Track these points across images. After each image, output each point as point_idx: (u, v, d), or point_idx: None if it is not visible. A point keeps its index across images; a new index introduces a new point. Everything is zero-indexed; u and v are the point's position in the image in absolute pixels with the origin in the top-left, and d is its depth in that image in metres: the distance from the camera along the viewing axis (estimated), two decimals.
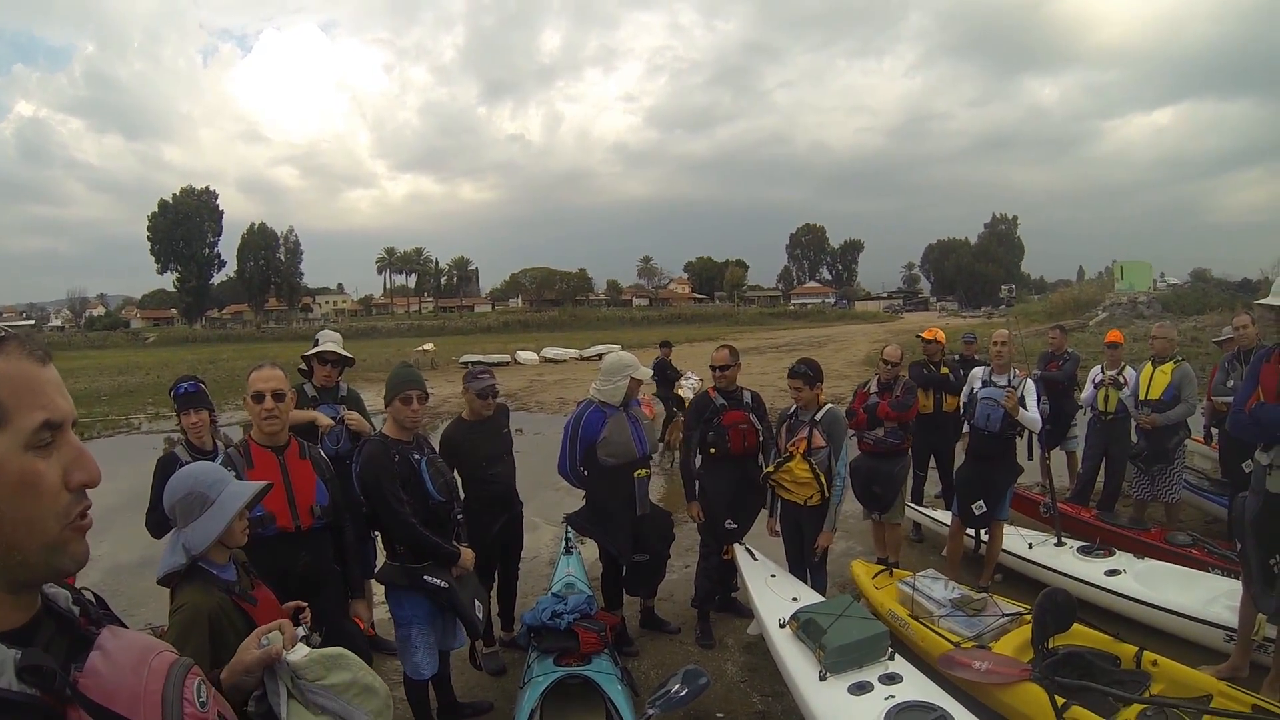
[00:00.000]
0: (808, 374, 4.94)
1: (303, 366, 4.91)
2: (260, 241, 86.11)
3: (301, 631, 1.87)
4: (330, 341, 4.91)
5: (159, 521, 3.90)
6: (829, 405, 5.00)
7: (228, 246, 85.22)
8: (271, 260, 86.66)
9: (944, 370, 7.07)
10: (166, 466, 3.91)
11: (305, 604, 2.57)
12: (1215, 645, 4.45)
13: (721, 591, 5.51)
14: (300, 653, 1.76)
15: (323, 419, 4.46)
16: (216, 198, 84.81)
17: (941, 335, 7.42)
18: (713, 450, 5.12)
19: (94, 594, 1.06)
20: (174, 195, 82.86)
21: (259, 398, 3.22)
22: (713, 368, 5.29)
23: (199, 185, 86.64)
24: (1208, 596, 4.69)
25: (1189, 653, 4.32)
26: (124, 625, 1.08)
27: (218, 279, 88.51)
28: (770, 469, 5.00)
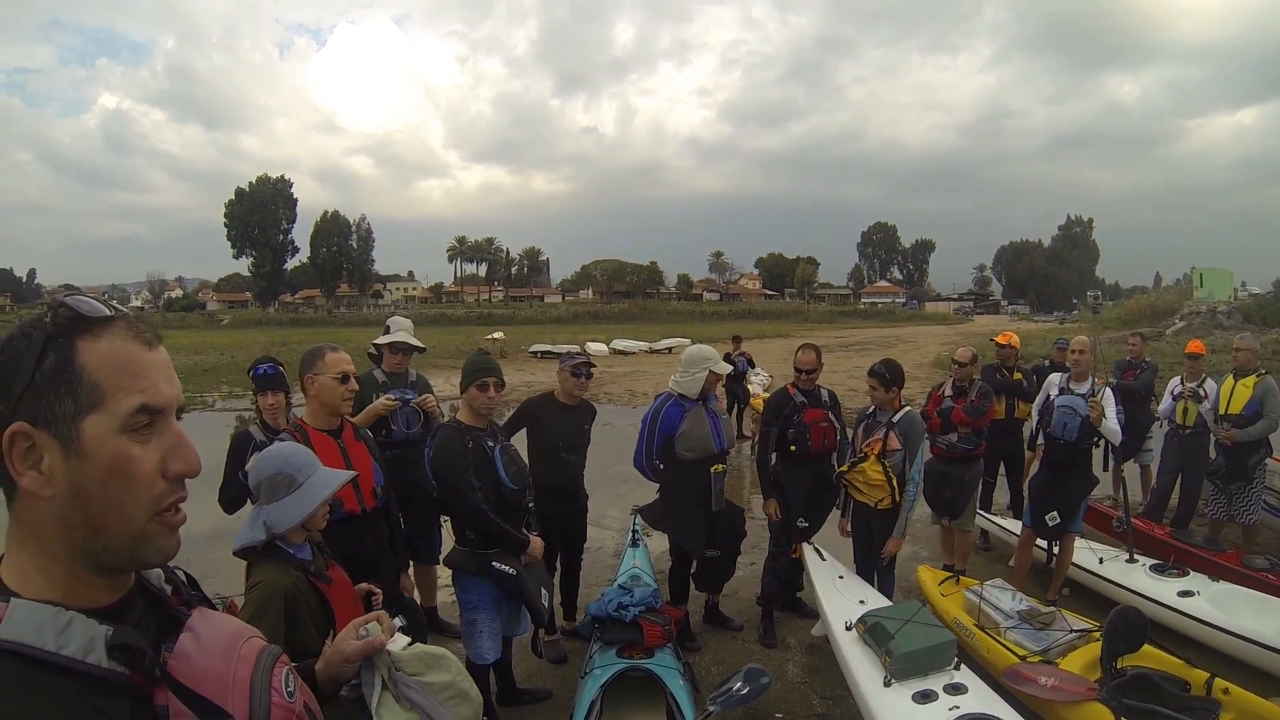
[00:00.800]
0: (884, 375, 4.92)
1: (372, 352, 5.00)
2: (333, 229, 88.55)
3: (399, 622, 1.83)
4: (401, 330, 4.98)
5: (232, 498, 4.07)
6: (907, 408, 4.99)
7: (301, 233, 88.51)
8: (344, 247, 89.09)
9: (1017, 375, 6.96)
10: (240, 445, 4.08)
11: (378, 589, 2.66)
12: None
13: (787, 591, 5.54)
14: (401, 643, 1.75)
15: (387, 400, 4.53)
16: (291, 186, 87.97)
17: (1016, 340, 7.32)
18: (793, 448, 5.12)
19: (186, 574, 1.05)
20: (250, 184, 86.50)
21: (345, 379, 3.26)
22: (800, 370, 5.21)
23: (275, 174, 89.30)
24: None
25: (1263, 682, 4.17)
26: (214, 607, 1.08)
27: (291, 264, 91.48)
28: (844, 468, 5.00)
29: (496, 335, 33.05)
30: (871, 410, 5.06)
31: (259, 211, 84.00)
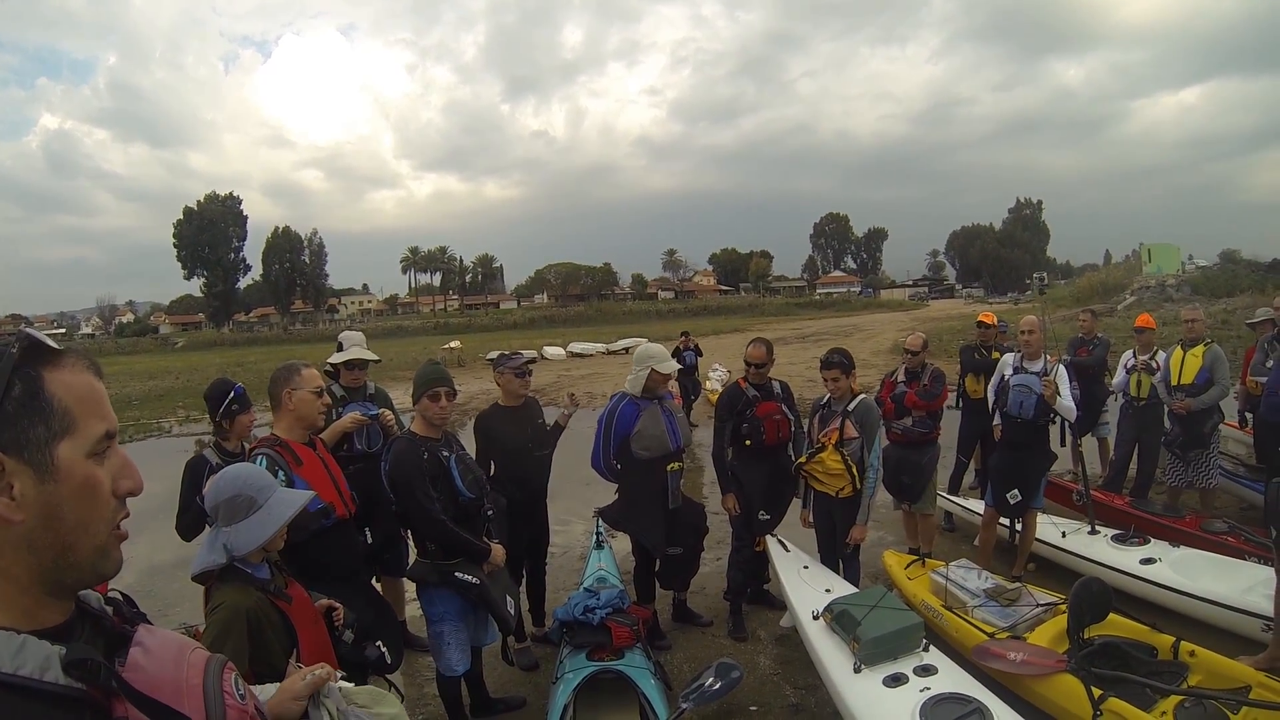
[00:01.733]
0: (843, 363, 4.94)
1: (329, 369, 4.94)
2: (284, 245, 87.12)
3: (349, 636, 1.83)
4: (355, 345, 4.96)
5: (189, 524, 3.99)
6: (861, 395, 5.00)
7: (253, 251, 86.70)
8: (296, 263, 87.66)
9: (995, 355, 6.92)
10: (196, 469, 4.01)
11: (338, 604, 2.66)
12: (1253, 635, 4.36)
13: (753, 583, 5.53)
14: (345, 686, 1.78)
15: (356, 416, 4.47)
16: (240, 203, 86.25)
17: (992, 318, 7.38)
18: (748, 442, 5.10)
19: (122, 594, 1.09)
20: (198, 202, 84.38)
21: (321, 393, 3.35)
22: (750, 364, 5.21)
23: (225, 191, 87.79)
24: (1245, 585, 4.60)
25: (1227, 643, 4.24)
26: (152, 625, 1.10)
27: (244, 283, 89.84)
28: (802, 459, 5.00)
29: (454, 344, 32.76)
30: (826, 400, 5.06)
31: (209, 230, 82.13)
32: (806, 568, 4.90)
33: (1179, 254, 41.65)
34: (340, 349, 4.96)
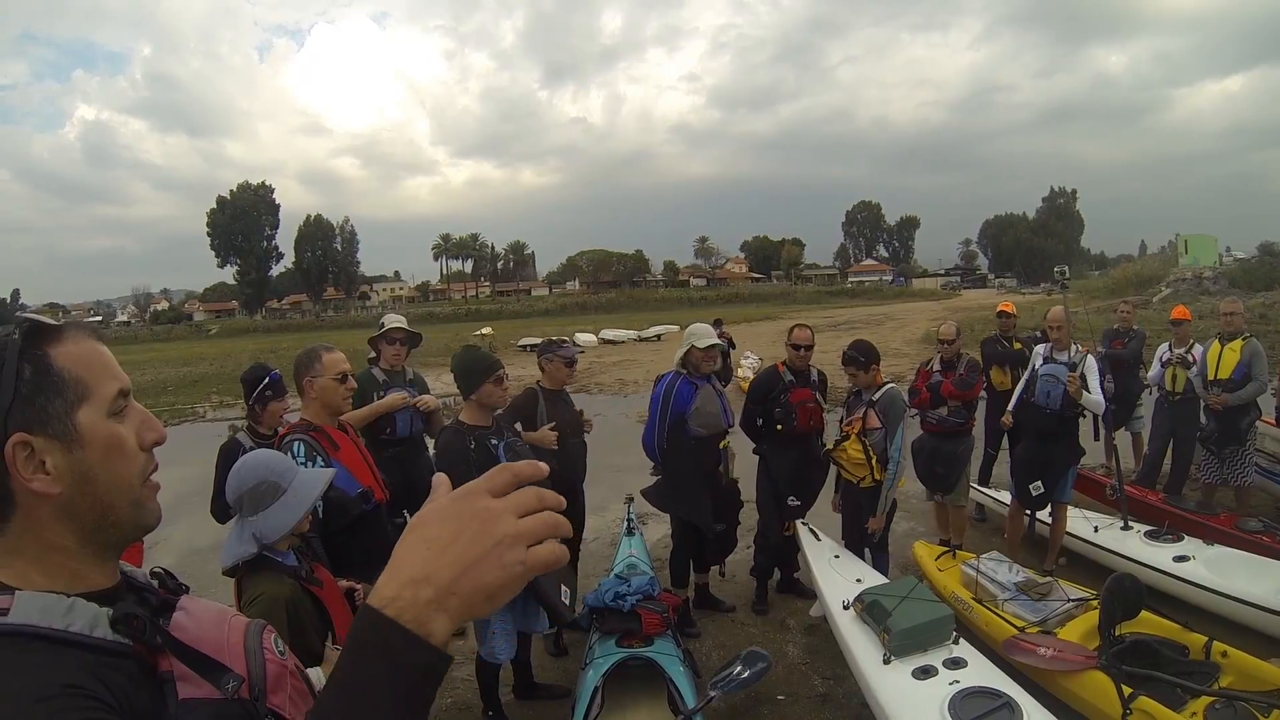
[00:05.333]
0: (858, 359, 4.99)
1: (371, 354, 5.01)
2: (316, 233, 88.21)
3: None
4: (396, 320, 5.03)
5: (224, 508, 4.03)
6: (888, 385, 5.02)
7: (285, 239, 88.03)
8: (328, 250, 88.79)
9: (1016, 345, 6.89)
10: (229, 454, 4.02)
11: (358, 585, 2.67)
12: None
13: (785, 571, 5.60)
14: None
15: (395, 397, 4.55)
16: (273, 192, 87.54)
17: (1012, 307, 7.32)
18: (779, 427, 5.16)
19: (164, 569, 1.12)
20: (231, 191, 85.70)
21: (344, 378, 3.32)
22: (796, 347, 5.28)
23: (262, 179, 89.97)
24: None
25: (1260, 644, 4.18)
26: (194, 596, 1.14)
27: (276, 270, 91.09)
28: (829, 446, 5.04)
29: (485, 331, 33.01)
30: (856, 390, 5.09)
31: (241, 219, 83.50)
32: (837, 557, 4.90)
33: (1216, 245, 41.06)
34: (380, 329, 5.01)
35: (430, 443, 4.81)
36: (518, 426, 4.38)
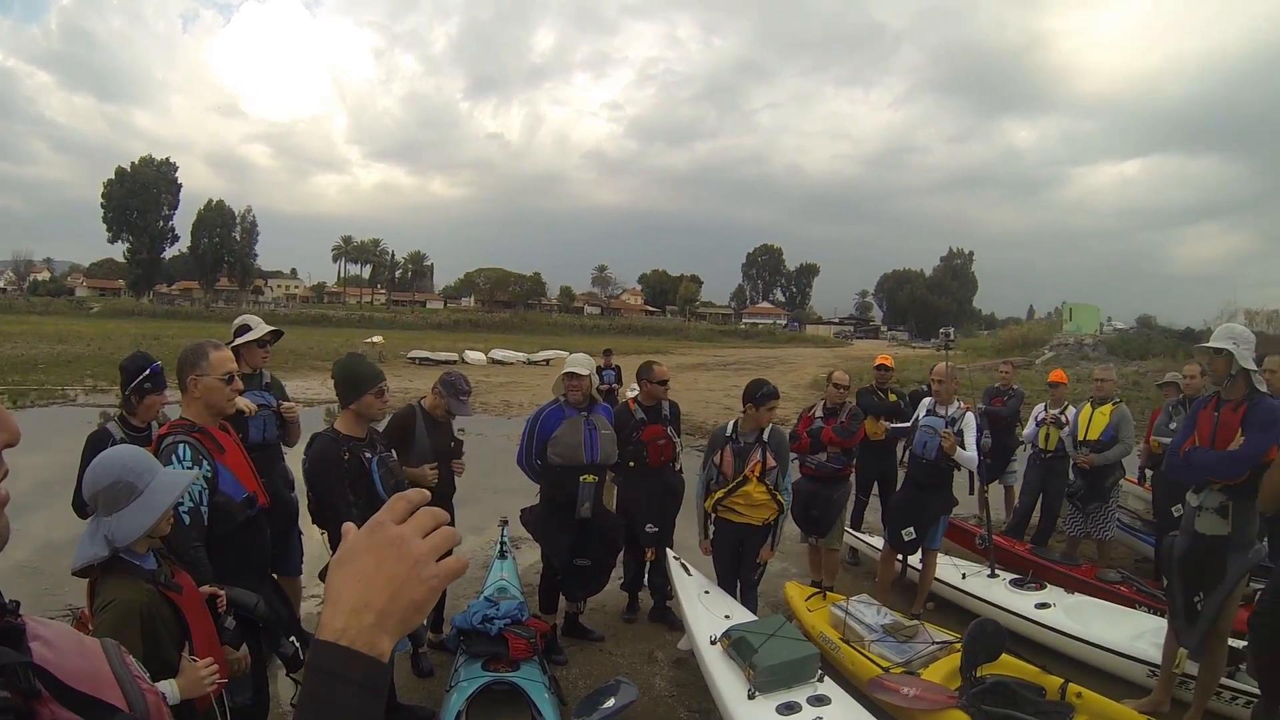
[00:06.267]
0: (776, 391, 5.05)
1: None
2: (216, 219, 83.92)
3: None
4: (259, 322, 4.75)
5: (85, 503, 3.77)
6: (772, 425, 5.02)
7: (184, 221, 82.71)
8: (226, 239, 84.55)
9: (892, 397, 7.11)
10: (97, 443, 3.74)
11: (220, 591, 2.54)
12: (1139, 680, 4.56)
13: (657, 597, 5.63)
14: None
15: (248, 403, 4.29)
16: (176, 170, 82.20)
17: (890, 360, 7.50)
18: (632, 464, 5.33)
19: None
20: (133, 163, 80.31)
21: (230, 379, 3.08)
22: (660, 382, 5.48)
23: (168, 155, 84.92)
24: (1134, 632, 4.80)
25: (1114, 686, 4.43)
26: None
27: (170, 253, 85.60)
28: (720, 494, 4.95)
29: (376, 339, 32.36)
30: (732, 431, 5.05)
31: (140, 194, 78.12)
32: (708, 592, 4.90)
33: (1099, 315, 43.46)
34: (246, 331, 4.67)
35: (287, 451, 4.66)
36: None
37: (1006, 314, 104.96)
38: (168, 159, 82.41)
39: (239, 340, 4.61)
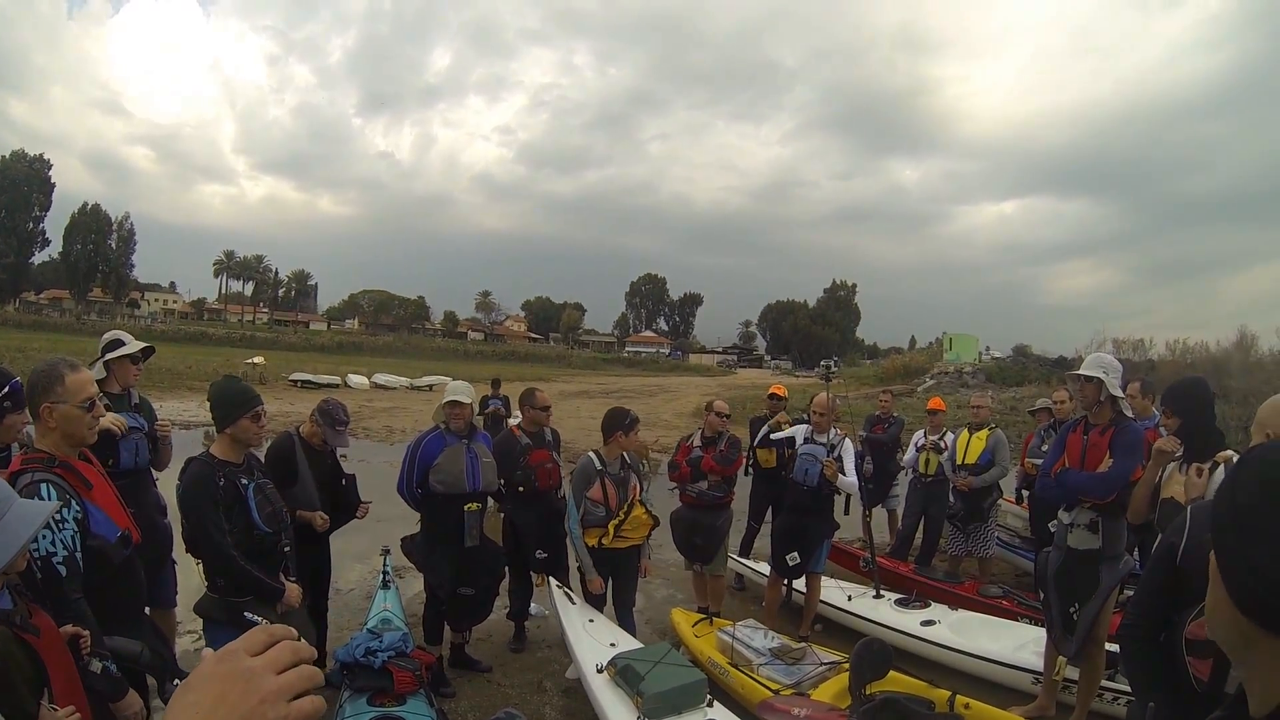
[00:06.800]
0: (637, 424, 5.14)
1: (101, 375, 4.30)
2: (92, 224, 77.78)
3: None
4: (130, 338, 4.43)
5: None
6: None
7: (56, 224, 76.26)
8: (101, 246, 78.81)
9: (784, 425, 7.14)
10: None
11: (85, 631, 2.32)
12: (1024, 688, 4.71)
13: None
14: None
15: (118, 420, 3.96)
16: (50, 167, 75.68)
17: (784, 391, 7.60)
18: (521, 489, 5.34)
19: None
20: (2, 158, 73.94)
21: (92, 404, 2.75)
22: (542, 408, 5.56)
23: (43, 151, 78.38)
24: (1017, 643, 4.97)
25: (1000, 696, 4.57)
26: None
27: (39, 258, 79.20)
28: (615, 524, 4.88)
29: (257, 360, 31.23)
30: (601, 464, 4.99)
31: (9, 192, 71.22)
32: (592, 621, 4.82)
33: (977, 344, 45.36)
34: (118, 346, 4.35)
35: (158, 476, 4.37)
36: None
37: (889, 343, 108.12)
38: (41, 155, 75.95)
39: (110, 356, 4.30)
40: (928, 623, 5.33)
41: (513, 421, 12.07)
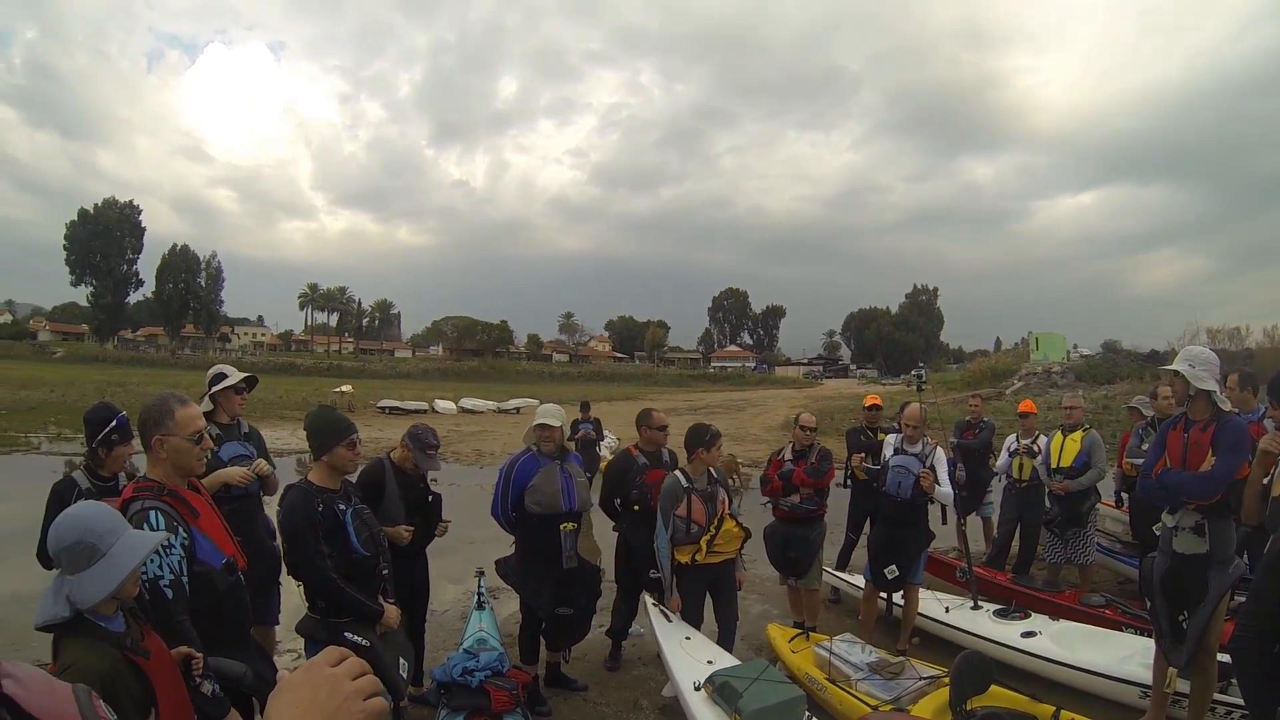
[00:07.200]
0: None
1: (208, 408, 4.52)
2: (181, 264, 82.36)
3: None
4: (233, 370, 4.65)
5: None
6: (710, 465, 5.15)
7: (148, 265, 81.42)
8: (191, 284, 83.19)
9: (881, 436, 7.02)
10: (61, 495, 3.68)
11: (198, 654, 2.45)
12: (1131, 702, 4.53)
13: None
14: None
15: (237, 476, 4.19)
16: (140, 213, 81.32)
17: (880, 400, 7.55)
18: (636, 508, 5.31)
19: None
20: (96, 205, 79.28)
21: (200, 437, 2.89)
22: (659, 428, 5.53)
23: (132, 198, 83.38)
24: (1122, 655, 4.80)
25: (1106, 711, 4.43)
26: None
27: (134, 298, 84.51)
28: (706, 539, 4.90)
29: (345, 388, 32.16)
30: (688, 482, 5.00)
31: (103, 237, 77.07)
32: (689, 638, 4.81)
33: (1065, 343, 43.88)
34: (222, 379, 4.56)
35: (266, 500, 4.53)
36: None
37: (974, 346, 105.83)
38: (131, 201, 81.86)
39: (215, 388, 4.53)
40: (1028, 634, 5.20)
41: (605, 444, 12.10)
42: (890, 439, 5.91)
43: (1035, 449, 7.09)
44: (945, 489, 5.51)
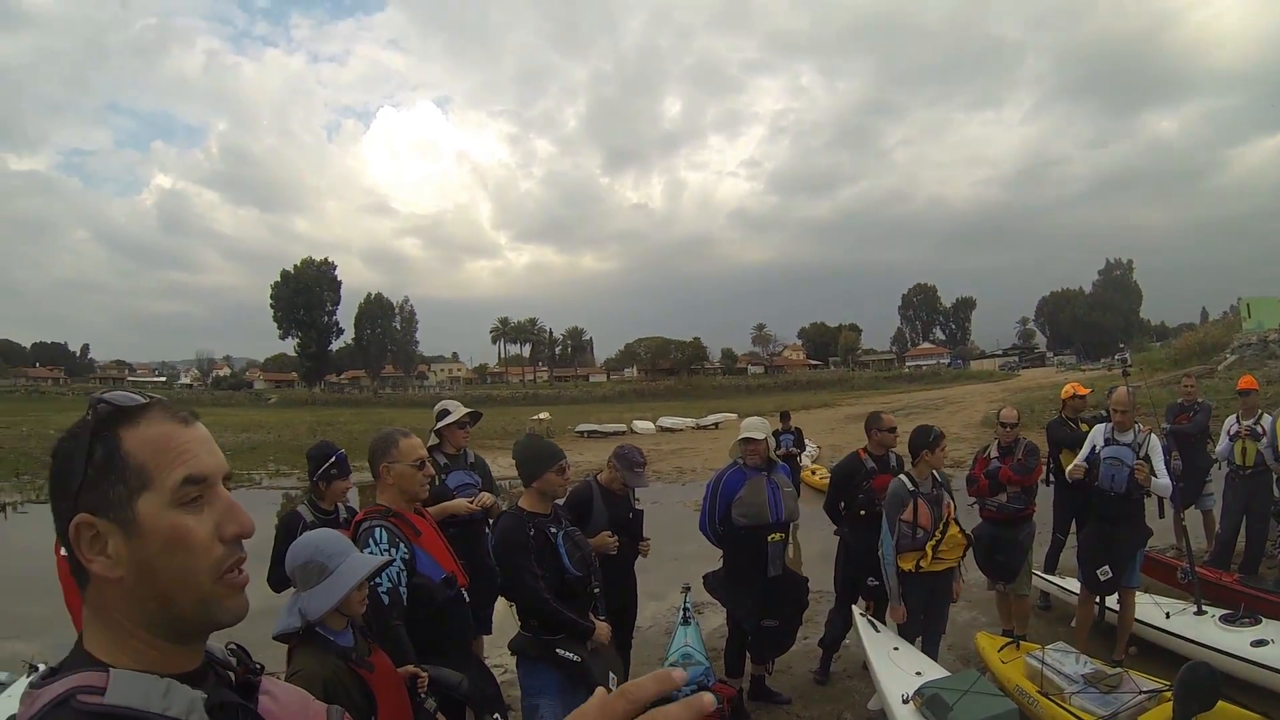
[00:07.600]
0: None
1: (434, 442, 4.99)
2: (376, 311, 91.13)
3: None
4: (458, 406, 5.08)
5: (280, 579, 4.05)
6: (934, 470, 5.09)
7: (346, 314, 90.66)
8: (387, 328, 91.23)
9: (1085, 427, 6.71)
10: (288, 524, 4.18)
11: (423, 673, 2.69)
12: None
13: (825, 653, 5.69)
14: None
15: (462, 503, 4.53)
16: (335, 268, 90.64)
17: (1082, 389, 7.22)
18: (863, 512, 5.34)
19: (238, 645, 1.12)
20: (295, 266, 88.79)
21: (421, 464, 3.26)
22: (889, 430, 5.54)
23: (327, 255, 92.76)
24: None
25: None
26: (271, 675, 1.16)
27: (336, 345, 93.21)
28: (932, 545, 4.90)
29: (543, 416, 33.34)
30: (911, 487, 4.99)
31: (304, 293, 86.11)
32: (897, 649, 4.81)
33: None
34: (446, 415, 5.02)
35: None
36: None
37: (1178, 321, 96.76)
38: (327, 259, 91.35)
39: (441, 424, 4.98)
40: (1259, 642, 4.79)
41: (805, 454, 12.02)
42: (1099, 428, 5.63)
43: (1259, 430, 6.58)
44: (1163, 480, 5.20)
